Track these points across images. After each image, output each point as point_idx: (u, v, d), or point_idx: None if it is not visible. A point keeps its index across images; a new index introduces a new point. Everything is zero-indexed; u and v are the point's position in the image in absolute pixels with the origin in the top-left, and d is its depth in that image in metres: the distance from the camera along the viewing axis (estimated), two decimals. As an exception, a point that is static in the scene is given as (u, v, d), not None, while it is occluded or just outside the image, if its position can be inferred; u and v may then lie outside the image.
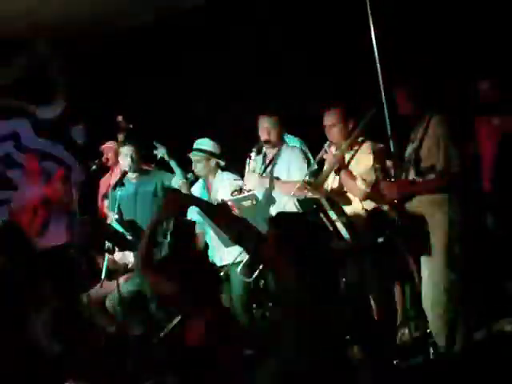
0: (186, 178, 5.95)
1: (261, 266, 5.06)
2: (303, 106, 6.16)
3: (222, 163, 5.90)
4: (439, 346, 4.28)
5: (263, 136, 5.44)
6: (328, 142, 4.92)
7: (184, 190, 5.75)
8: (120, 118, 6.76)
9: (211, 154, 5.88)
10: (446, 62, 5.60)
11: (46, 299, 4.11)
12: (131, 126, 6.75)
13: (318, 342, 3.15)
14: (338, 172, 4.82)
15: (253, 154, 5.43)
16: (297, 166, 5.35)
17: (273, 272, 3.95)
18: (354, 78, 6.02)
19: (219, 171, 5.92)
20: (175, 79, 7.30)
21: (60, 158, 7.95)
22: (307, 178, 4.97)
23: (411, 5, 5.82)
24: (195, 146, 5.93)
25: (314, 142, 5.46)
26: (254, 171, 5.42)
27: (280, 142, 5.49)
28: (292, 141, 5.77)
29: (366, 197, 4.70)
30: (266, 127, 5.42)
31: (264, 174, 5.42)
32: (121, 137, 6.76)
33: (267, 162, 5.48)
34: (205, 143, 5.92)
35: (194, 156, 5.90)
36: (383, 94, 5.61)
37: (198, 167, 5.90)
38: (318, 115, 5.00)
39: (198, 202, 3.81)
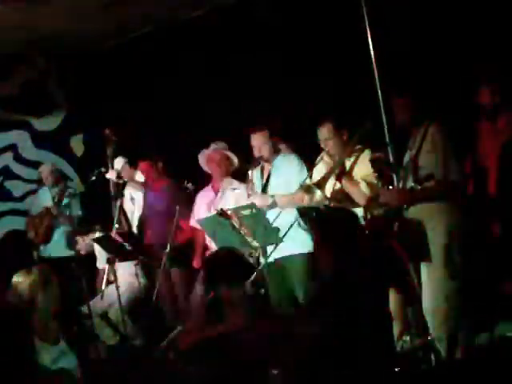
0: None
1: None
2: (302, 114, 6.17)
3: None
4: (441, 353, 4.28)
5: (255, 153, 5.45)
6: (325, 151, 4.95)
7: None
8: (107, 131, 6.73)
9: None
10: (445, 67, 5.60)
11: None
12: (117, 139, 6.71)
13: None
14: (339, 178, 4.83)
15: (249, 173, 5.43)
16: (294, 173, 5.32)
17: None
18: (351, 86, 6.02)
19: None
20: (175, 90, 7.31)
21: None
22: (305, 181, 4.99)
23: (410, 10, 5.82)
24: None
25: (309, 152, 5.45)
26: (254, 189, 5.41)
27: (273, 155, 5.46)
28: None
29: (370, 201, 4.71)
30: (256, 144, 5.43)
31: (264, 191, 5.42)
32: (109, 150, 6.73)
33: (265, 177, 5.48)
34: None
35: None
36: (381, 101, 5.62)
37: None
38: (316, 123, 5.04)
39: None
